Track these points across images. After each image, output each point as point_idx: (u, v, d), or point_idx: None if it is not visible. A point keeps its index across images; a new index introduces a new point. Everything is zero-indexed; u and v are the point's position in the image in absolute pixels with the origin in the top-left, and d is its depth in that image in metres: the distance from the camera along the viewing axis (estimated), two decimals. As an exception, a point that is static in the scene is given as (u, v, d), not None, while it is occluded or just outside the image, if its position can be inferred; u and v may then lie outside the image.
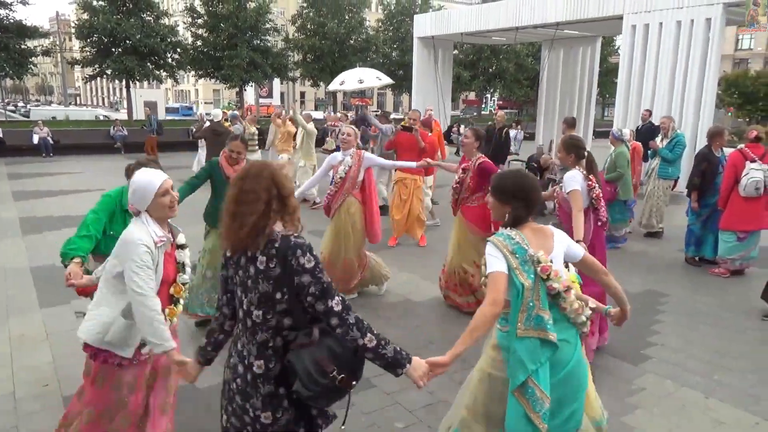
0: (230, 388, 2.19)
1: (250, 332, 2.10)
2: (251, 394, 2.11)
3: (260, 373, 2.09)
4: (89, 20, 27.57)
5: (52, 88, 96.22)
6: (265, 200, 2.04)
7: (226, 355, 2.29)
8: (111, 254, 2.59)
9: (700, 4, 12.09)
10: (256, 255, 2.04)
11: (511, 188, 2.49)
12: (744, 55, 52.77)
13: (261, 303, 2.05)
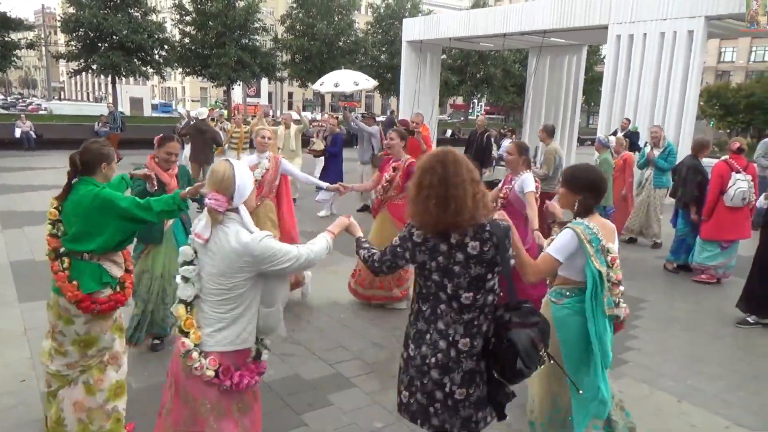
0: (425, 363, 2.26)
1: (455, 312, 2.24)
2: (453, 369, 2.23)
3: (465, 350, 2.23)
4: (75, 14, 27.30)
5: (35, 81, 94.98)
6: (471, 184, 2.19)
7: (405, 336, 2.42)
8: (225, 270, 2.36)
9: (682, 17, 12.31)
10: (465, 241, 2.19)
11: (584, 180, 2.77)
12: (726, 68, 53.71)
13: (471, 285, 2.22)
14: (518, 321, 2.22)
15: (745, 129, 36.11)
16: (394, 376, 4.13)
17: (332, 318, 5.36)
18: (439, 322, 2.26)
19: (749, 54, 51.89)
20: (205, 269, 2.39)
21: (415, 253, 2.28)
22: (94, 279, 2.99)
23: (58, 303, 3.04)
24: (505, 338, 2.19)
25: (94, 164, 3.04)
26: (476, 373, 2.27)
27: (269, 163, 5.35)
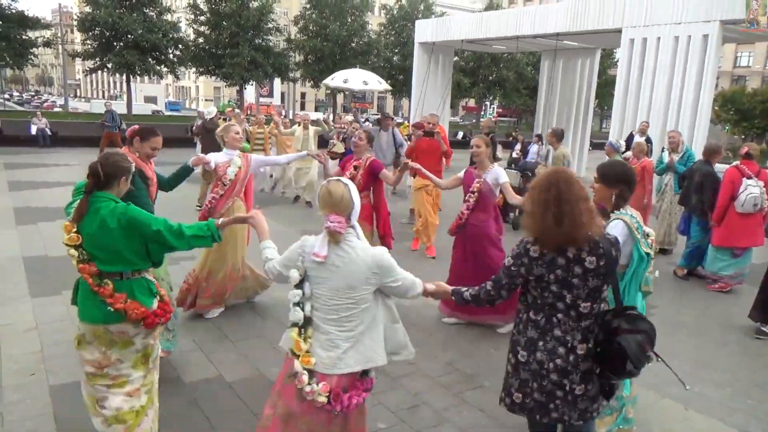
0: (543, 368, 2.40)
1: (573, 320, 2.39)
2: (571, 372, 2.38)
3: (582, 354, 2.39)
4: (91, 13, 27.59)
5: (52, 79, 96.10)
6: (583, 202, 2.33)
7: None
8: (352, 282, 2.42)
9: (697, 21, 12.22)
10: (582, 256, 2.32)
11: (619, 174, 3.00)
12: (742, 72, 53.18)
13: (589, 296, 2.37)
14: (627, 327, 2.37)
15: (761, 135, 35.72)
16: (396, 378, 4.17)
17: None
18: (556, 330, 2.40)
19: (766, 59, 51.31)
20: (328, 285, 2.42)
21: (531, 267, 2.39)
22: (146, 294, 2.80)
23: (106, 331, 2.76)
24: (615, 343, 2.35)
25: (114, 177, 2.78)
26: (592, 371, 2.44)
27: (241, 161, 5.15)
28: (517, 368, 2.47)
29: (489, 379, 4.22)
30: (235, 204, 5.14)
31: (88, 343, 2.78)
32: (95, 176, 2.70)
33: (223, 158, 5.13)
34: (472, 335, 5.06)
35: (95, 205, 2.70)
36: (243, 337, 4.80)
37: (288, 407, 2.48)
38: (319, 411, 2.44)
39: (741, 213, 6.30)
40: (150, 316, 2.77)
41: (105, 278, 2.72)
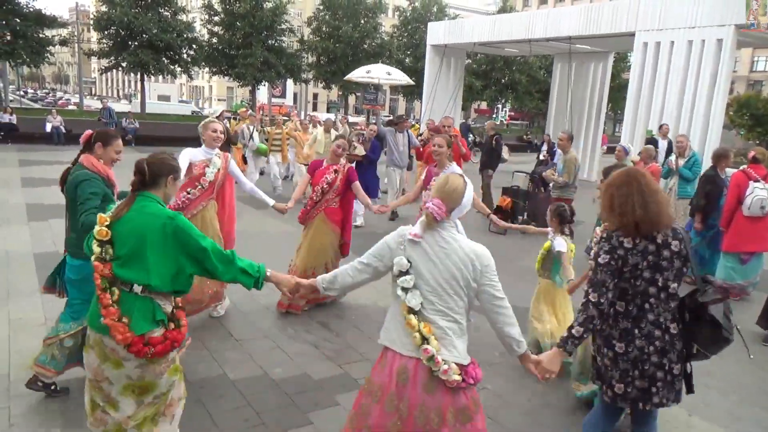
0: (645, 353, 2.55)
1: (664, 302, 2.58)
2: (669, 351, 2.56)
3: (675, 333, 2.59)
4: (107, 12, 27.89)
5: (68, 77, 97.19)
6: (660, 193, 2.61)
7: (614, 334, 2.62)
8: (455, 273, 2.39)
9: (711, 25, 12.11)
10: (668, 241, 2.55)
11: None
12: (759, 77, 52.62)
13: (676, 278, 2.59)
14: (712, 299, 2.58)
15: (776, 140, 35.29)
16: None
17: (343, 320, 5.41)
18: (650, 315, 2.56)
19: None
20: (431, 273, 2.40)
21: (627, 258, 2.53)
22: (146, 317, 2.51)
23: (102, 342, 2.55)
24: (706, 315, 2.55)
25: (160, 176, 2.64)
26: (682, 351, 2.62)
27: (221, 163, 4.84)
28: (616, 360, 2.59)
29: (491, 382, 4.22)
30: (209, 205, 4.83)
31: (90, 347, 2.63)
32: (141, 174, 2.59)
33: (201, 156, 4.76)
34: (477, 339, 5.04)
35: (140, 203, 2.57)
36: (248, 337, 4.83)
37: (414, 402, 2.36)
38: (449, 395, 2.36)
39: (748, 216, 6.22)
40: (136, 343, 2.47)
41: (114, 285, 2.52)
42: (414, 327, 2.36)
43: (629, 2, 14.05)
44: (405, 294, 2.40)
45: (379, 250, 2.53)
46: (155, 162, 2.64)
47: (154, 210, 2.55)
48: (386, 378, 2.41)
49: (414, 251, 2.42)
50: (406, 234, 2.46)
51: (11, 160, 14.80)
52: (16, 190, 10.76)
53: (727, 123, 31.09)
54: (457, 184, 2.50)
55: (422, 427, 2.34)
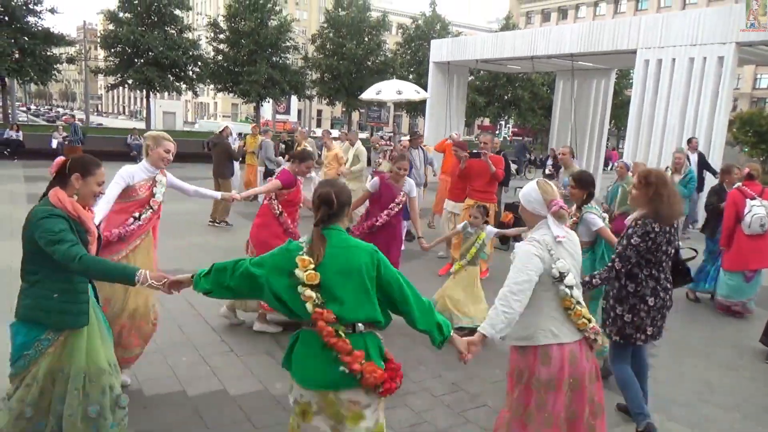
0: (666, 302, 3.67)
1: (666, 265, 3.64)
2: (670, 306, 3.71)
3: (669, 286, 3.69)
4: (114, 31, 28.25)
5: (75, 94, 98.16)
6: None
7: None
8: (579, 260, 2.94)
9: (713, 42, 12.19)
10: (675, 224, 3.63)
11: (589, 181, 4.60)
12: (762, 94, 52.72)
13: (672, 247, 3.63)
14: (688, 258, 4.03)
15: (780, 156, 35.23)
16: (401, 396, 4.15)
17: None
18: (662, 275, 3.61)
19: (786, 81, 50.94)
20: (570, 264, 2.81)
21: (656, 238, 3.47)
22: (378, 353, 2.40)
23: (336, 399, 2.33)
24: (685, 267, 3.88)
25: (345, 206, 2.42)
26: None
27: (165, 180, 4.15)
28: (649, 311, 3.57)
29: (492, 399, 4.20)
30: (149, 234, 4.04)
31: (315, 414, 2.33)
32: (328, 205, 2.35)
33: (144, 175, 3.99)
34: (478, 355, 5.02)
35: (333, 239, 2.34)
36: (249, 352, 4.83)
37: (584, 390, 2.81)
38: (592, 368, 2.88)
39: (749, 235, 6.22)
40: (388, 381, 2.33)
41: (340, 329, 2.29)
42: (581, 314, 2.78)
43: (630, 20, 14.19)
44: (571, 290, 2.76)
45: (532, 263, 2.71)
46: (343, 192, 2.42)
47: (354, 243, 2.37)
48: (557, 369, 2.75)
49: (560, 251, 2.78)
50: (548, 240, 2.76)
51: (17, 176, 14.91)
52: (21, 205, 10.82)
53: (730, 140, 31.10)
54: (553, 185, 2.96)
55: (589, 390, 2.81)
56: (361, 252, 2.33)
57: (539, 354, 2.77)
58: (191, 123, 55.27)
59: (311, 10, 79.56)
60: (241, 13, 31.35)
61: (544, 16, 68.18)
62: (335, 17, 36.41)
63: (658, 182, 3.49)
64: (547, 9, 68.35)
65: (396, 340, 5.19)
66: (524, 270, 2.68)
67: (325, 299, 2.27)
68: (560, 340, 2.76)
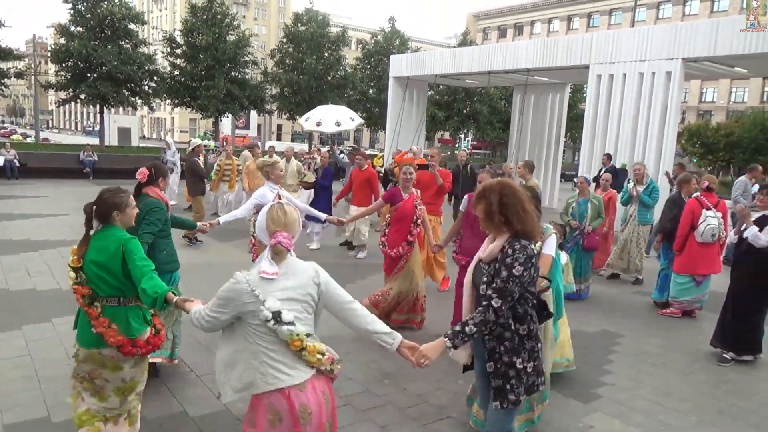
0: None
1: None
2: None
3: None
4: (65, 45, 27.47)
5: (23, 110, 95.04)
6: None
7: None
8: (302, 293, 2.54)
9: (660, 58, 12.69)
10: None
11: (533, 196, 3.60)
12: (708, 107, 54.98)
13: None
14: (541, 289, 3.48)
15: (726, 167, 36.82)
16: (365, 410, 4.13)
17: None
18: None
19: (729, 94, 53.24)
20: (294, 298, 2.46)
21: (536, 262, 2.76)
22: (139, 320, 3.09)
23: (98, 354, 3.00)
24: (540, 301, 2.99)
25: (105, 215, 3.10)
26: None
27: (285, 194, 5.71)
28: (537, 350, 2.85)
29: (456, 410, 4.20)
30: None
31: (82, 362, 3.05)
32: (88, 213, 3.04)
33: (271, 194, 5.49)
34: (443, 366, 5.03)
35: (98, 235, 3.04)
36: (210, 372, 4.70)
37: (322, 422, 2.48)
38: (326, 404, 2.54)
39: (701, 242, 6.50)
40: (127, 345, 2.95)
41: (97, 301, 3.00)
42: (314, 349, 2.44)
43: (583, 36, 14.65)
44: (292, 327, 2.39)
45: (228, 300, 2.43)
46: (102, 201, 3.05)
47: (111, 234, 3.02)
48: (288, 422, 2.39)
49: (270, 289, 2.41)
50: (254, 277, 2.43)
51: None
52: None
53: (679, 151, 32.35)
54: (293, 215, 2.58)
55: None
56: (110, 243, 2.95)
57: (259, 402, 2.50)
58: (154, 138, 54.15)
59: (270, 25, 79.48)
60: (198, 28, 30.98)
61: (501, 32, 69.73)
62: (294, 32, 36.36)
63: (508, 193, 2.74)
64: (503, 25, 69.95)
65: (361, 356, 5.15)
66: (215, 304, 2.49)
67: (87, 279, 3.00)
68: (290, 382, 2.42)
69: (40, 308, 5.97)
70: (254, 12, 79.37)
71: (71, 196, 14.59)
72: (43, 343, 5.08)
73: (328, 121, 14.30)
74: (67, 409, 3.85)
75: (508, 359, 2.72)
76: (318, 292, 2.54)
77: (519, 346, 2.73)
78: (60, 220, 11.34)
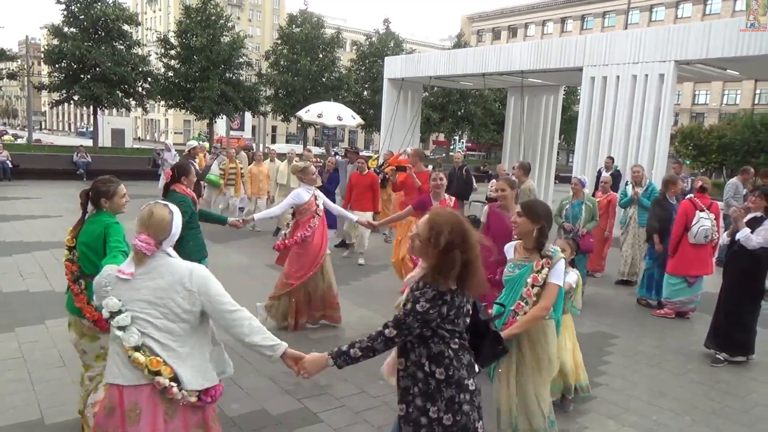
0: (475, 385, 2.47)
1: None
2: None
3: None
4: (59, 46, 27.34)
5: (16, 111, 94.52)
6: None
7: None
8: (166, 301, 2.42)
9: (653, 60, 12.77)
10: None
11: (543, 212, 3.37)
12: (700, 110, 55.27)
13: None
14: (490, 317, 2.81)
15: (719, 169, 36.99)
16: (360, 412, 4.12)
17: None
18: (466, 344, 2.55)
19: (722, 97, 53.54)
20: (143, 302, 2.38)
21: (454, 301, 2.38)
22: None
23: (81, 323, 3.39)
24: (490, 331, 2.66)
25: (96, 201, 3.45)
26: None
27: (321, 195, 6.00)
28: (473, 399, 2.41)
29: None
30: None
31: (71, 326, 3.47)
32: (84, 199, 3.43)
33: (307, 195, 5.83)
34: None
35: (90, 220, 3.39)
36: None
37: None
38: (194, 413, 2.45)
39: (693, 244, 6.53)
40: (100, 320, 3.20)
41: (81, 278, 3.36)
42: (142, 364, 2.32)
43: (576, 39, 14.75)
44: (122, 332, 2.34)
45: (95, 288, 2.48)
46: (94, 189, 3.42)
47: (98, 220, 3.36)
48: (118, 418, 2.32)
49: (124, 288, 2.39)
50: (113, 273, 2.42)
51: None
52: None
53: (672, 153, 32.50)
54: (161, 214, 2.47)
55: None
56: (97, 226, 3.30)
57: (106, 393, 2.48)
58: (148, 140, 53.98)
59: (264, 26, 79.38)
60: (192, 29, 30.90)
61: (495, 34, 69.90)
62: (289, 34, 36.33)
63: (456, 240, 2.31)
64: (497, 27, 70.12)
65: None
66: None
67: (78, 257, 3.40)
68: (121, 381, 2.36)
69: (33, 310, 5.95)
70: (248, 13, 79.26)
71: (64, 198, 14.52)
72: (37, 345, 5.06)
73: (330, 114, 14.26)
74: (60, 411, 3.85)
75: (421, 404, 2.37)
76: (191, 298, 2.39)
77: (435, 392, 2.35)
78: (53, 221, 11.28)
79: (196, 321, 2.44)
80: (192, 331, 2.45)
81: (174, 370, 2.35)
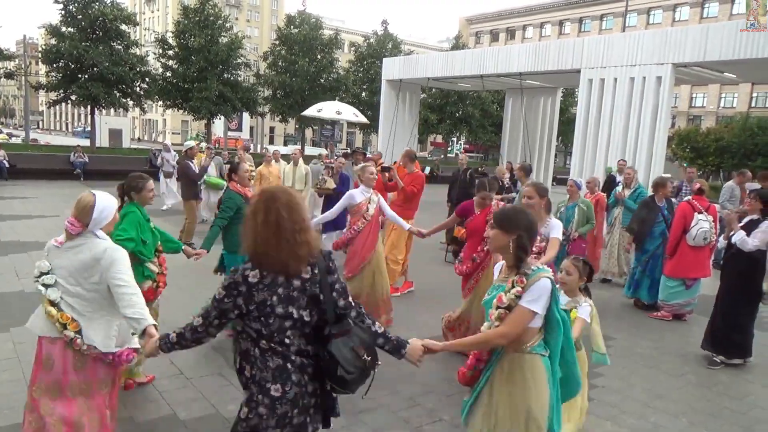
0: (302, 385, 2.34)
1: (297, 334, 2.38)
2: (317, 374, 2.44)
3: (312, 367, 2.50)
4: (56, 45, 27.28)
5: (13, 110, 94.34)
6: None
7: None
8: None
9: (651, 63, 12.80)
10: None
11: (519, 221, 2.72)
12: (698, 112, 55.39)
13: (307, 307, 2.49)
14: (341, 330, 2.32)
15: (716, 171, 37.12)
16: (357, 413, 4.11)
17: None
18: (291, 351, 2.33)
19: (719, 100, 53.68)
20: (66, 270, 2.88)
21: (254, 295, 2.31)
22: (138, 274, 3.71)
23: None
24: (325, 350, 2.29)
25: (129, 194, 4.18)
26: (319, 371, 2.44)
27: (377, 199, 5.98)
28: (273, 406, 2.25)
29: (448, 413, 4.20)
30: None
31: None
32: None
33: (361, 196, 5.85)
34: (434, 369, 5.03)
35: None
36: (200, 374, 4.68)
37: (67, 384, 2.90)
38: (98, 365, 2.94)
39: (692, 246, 6.54)
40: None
41: None
42: (53, 317, 2.83)
43: (574, 41, 14.77)
44: (45, 289, 2.87)
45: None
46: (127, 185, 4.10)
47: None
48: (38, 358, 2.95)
49: (54, 255, 2.90)
50: (51, 242, 2.93)
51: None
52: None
53: (669, 155, 32.59)
54: (86, 201, 2.87)
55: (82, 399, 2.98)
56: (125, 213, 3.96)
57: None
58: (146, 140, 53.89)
59: (262, 27, 79.32)
60: (190, 30, 30.87)
61: (493, 36, 69.98)
62: (287, 34, 36.35)
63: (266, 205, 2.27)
64: (495, 29, 70.21)
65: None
66: None
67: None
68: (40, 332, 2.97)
69: (29, 310, 5.86)
70: (247, 14, 79.20)
71: (61, 198, 14.47)
72: (32, 345, 4.98)
73: (329, 108, 14.54)
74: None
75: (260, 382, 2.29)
76: (101, 273, 2.82)
77: (248, 385, 2.33)
78: (50, 221, 11.24)
79: (105, 293, 2.86)
80: (102, 301, 2.88)
81: (79, 325, 2.84)
